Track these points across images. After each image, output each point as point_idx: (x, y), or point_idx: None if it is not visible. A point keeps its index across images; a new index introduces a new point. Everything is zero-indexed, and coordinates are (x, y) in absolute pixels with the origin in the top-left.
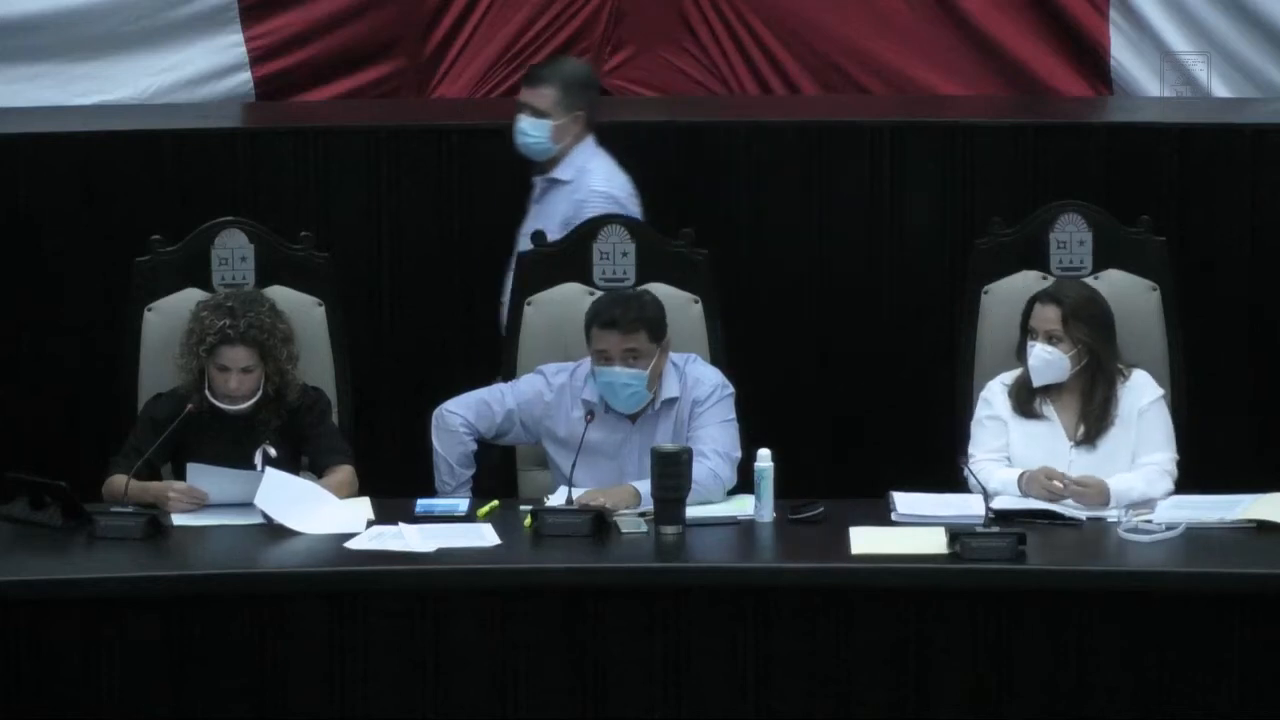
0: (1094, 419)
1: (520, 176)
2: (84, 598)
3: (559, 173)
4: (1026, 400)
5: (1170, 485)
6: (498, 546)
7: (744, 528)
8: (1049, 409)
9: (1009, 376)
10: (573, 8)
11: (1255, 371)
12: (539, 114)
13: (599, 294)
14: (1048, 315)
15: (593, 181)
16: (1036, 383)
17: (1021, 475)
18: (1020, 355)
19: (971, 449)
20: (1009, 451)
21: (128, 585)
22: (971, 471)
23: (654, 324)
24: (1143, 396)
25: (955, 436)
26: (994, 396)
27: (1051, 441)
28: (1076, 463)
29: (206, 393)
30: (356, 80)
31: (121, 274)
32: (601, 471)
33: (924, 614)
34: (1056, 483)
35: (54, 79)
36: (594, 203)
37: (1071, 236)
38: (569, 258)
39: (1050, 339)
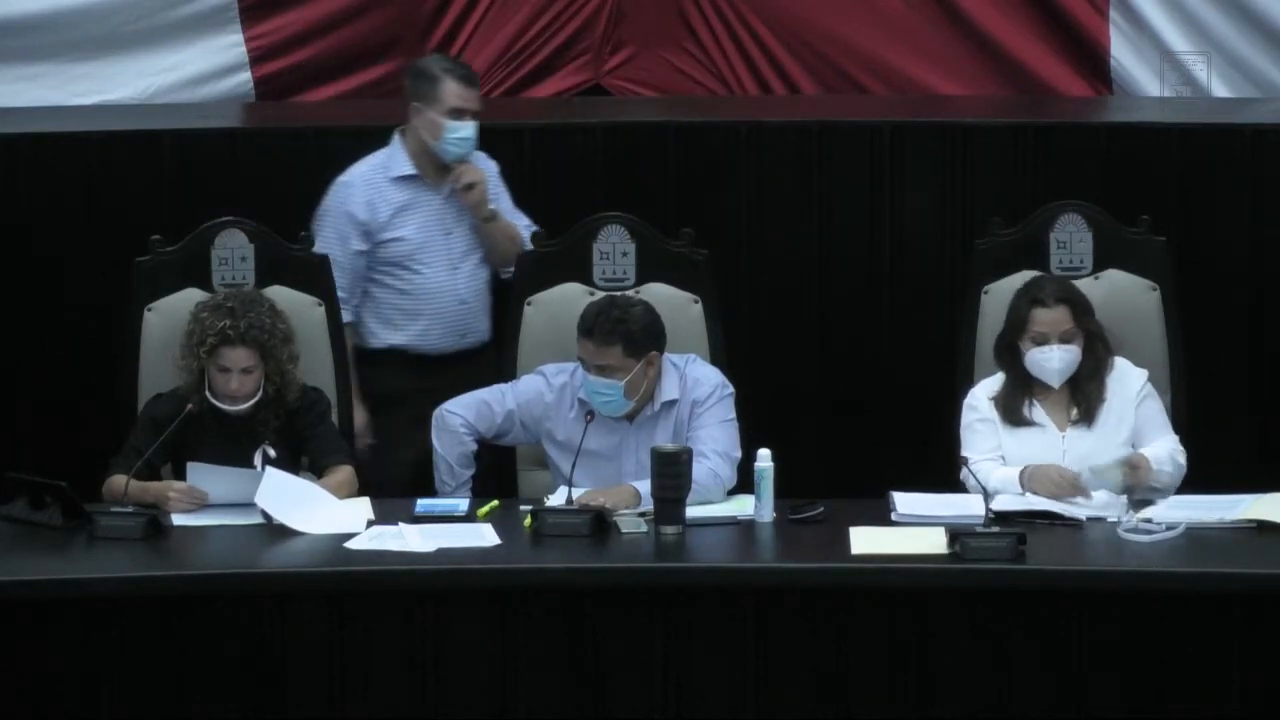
0: (1093, 397)
1: (521, 176)
2: (84, 598)
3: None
4: (1014, 410)
5: (1184, 466)
6: (498, 546)
7: (744, 528)
8: (1038, 413)
9: (992, 386)
10: (573, 8)
11: (1255, 371)
12: (477, 116)
13: (599, 294)
14: (1058, 318)
15: (482, 158)
16: (1056, 384)
17: (1023, 471)
18: (1005, 360)
19: (965, 453)
20: (1002, 452)
21: (128, 585)
22: (971, 471)
23: (634, 338)
24: (1131, 384)
25: (955, 436)
26: (979, 402)
27: (1044, 438)
28: (1070, 451)
29: (207, 393)
30: (356, 80)
31: (121, 274)
32: (600, 472)
33: (924, 614)
34: (1074, 483)
35: (54, 79)
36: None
37: (1071, 236)
38: (569, 258)
39: (1063, 339)
